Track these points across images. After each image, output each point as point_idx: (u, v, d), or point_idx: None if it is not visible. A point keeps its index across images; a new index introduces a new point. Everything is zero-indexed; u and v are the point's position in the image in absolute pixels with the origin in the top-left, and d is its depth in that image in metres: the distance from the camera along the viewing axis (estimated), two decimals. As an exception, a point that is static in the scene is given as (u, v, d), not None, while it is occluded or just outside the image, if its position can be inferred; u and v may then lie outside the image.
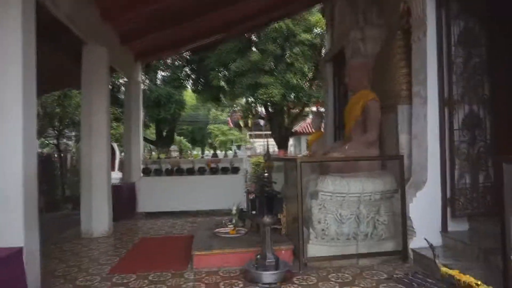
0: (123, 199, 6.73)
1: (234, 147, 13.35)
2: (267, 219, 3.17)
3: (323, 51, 13.64)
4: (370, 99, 4.28)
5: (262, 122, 17.57)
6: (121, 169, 9.12)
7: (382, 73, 4.62)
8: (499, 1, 3.61)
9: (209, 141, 27.14)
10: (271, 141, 16.71)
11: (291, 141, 16.71)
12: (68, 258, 4.08)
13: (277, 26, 11.90)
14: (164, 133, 15.34)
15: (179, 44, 7.85)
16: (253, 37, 12.93)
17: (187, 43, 7.93)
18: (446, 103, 3.60)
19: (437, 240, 3.58)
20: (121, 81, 12.71)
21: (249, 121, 16.61)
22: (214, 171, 7.34)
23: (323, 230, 3.69)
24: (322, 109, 8.64)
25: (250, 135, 23.80)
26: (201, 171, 7.30)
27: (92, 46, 5.16)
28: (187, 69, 14.75)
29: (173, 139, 15.77)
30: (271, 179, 3.43)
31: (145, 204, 7.00)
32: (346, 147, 4.27)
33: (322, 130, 7.66)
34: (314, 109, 18.85)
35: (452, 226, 3.63)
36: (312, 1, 8.60)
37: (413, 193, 3.65)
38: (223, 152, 8.48)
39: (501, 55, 3.67)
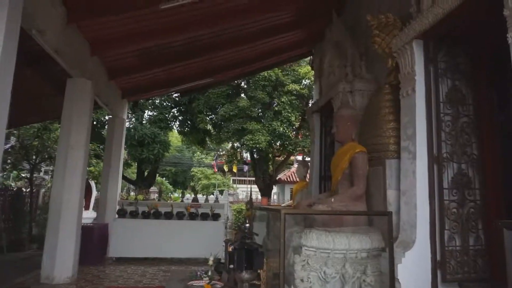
0: (94, 242, 6.29)
1: (216, 192, 13.01)
2: (245, 275, 2.90)
3: (311, 101, 13.96)
4: (357, 151, 4.18)
5: (246, 168, 17.45)
6: (96, 208, 8.67)
7: (370, 126, 4.59)
8: (484, 61, 3.70)
9: (192, 184, 26.67)
10: (255, 188, 16.45)
11: (274, 189, 16.52)
12: (19, 308, 3.65)
13: (266, 75, 12.18)
14: (146, 173, 14.94)
15: (168, 85, 7.85)
16: (243, 84, 13.18)
17: (176, 84, 7.94)
18: (435, 160, 3.53)
19: (427, 306, 3.33)
20: (106, 117, 12.56)
21: (234, 166, 16.45)
22: (193, 216, 7.01)
23: (305, 289, 3.40)
24: (307, 159, 8.59)
25: (234, 180, 23.51)
26: (180, 216, 6.96)
27: (77, 78, 5.05)
28: (174, 110, 14.76)
29: (154, 180, 15.36)
30: (252, 230, 3.20)
31: (116, 248, 6.54)
32: (332, 199, 4.10)
33: (307, 179, 7.54)
34: (299, 158, 18.92)
35: (443, 291, 3.40)
36: (301, 53, 8.87)
37: (401, 252, 3.44)
38: (204, 196, 8.21)
39: (488, 115, 3.69)
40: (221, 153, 27.59)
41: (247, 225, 3.14)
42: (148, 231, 6.62)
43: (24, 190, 9.33)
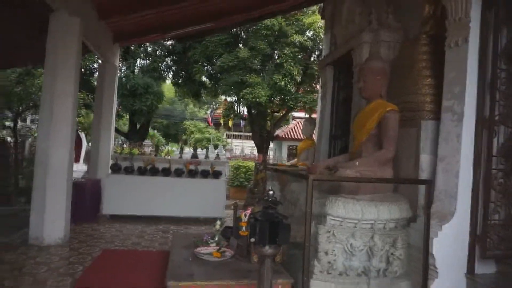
0: (86, 198, 5.86)
1: (211, 146, 12.55)
2: (269, 249, 2.48)
3: (314, 55, 13.18)
4: (389, 110, 3.66)
5: (242, 123, 16.90)
6: (87, 161, 8.15)
7: (400, 82, 4.05)
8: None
9: (184, 137, 26.17)
10: (251, 144, 16.07)
11: (271, 145, 16.16)
12: (2, 275, 3.23)
13: (269, 23, 11.28)
14: (138, 126, 14.33)
15: (164, 29, 7.03)
16: (243, 34, 12.25)
17: (173, 29, 7.13)
18: (485, 123, 3.06)
19: (461, 284, 3.03)
20: (95, 65, 11.67)
21: (230, 121, 15.89)
22: (192, 174, 6.57)
23: (329, 263, 3.05)
24: (314, 116, 8.09)
25: (228, 135, 23.04)
26: (178, 173, 6.52)
27: (61, 13, 4.29)
28: (168, 60, 13.84)
29: (147, 133, 14.79)
30: (276, 199, 2.74)
31: (111, 205, 6.14)
32: (357, 163, 3.65)
33: (314, 138, 7.09)
34: (296, 114, 18.39)
35: (478, 268, 3.09)
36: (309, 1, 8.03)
37: (437, 225, 3.08)
38: (203, 150, 7.72)
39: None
40: (215, 107, 26.88)
41: (271, 192, 2.67)
42: (145, 189, 6.20)
43: (9, 140, 8.72)
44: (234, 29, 11.57)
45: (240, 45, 11.99)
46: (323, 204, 3.23)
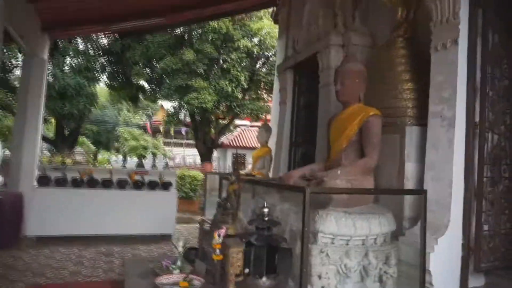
0: (3, 217, 4.79)
1: (162, 158, 11.61)
2: (266, 282, 2.01)
3: (259, 62, 12.99)
4: (372, 114, 3.41)
5: (184, 130, 16.04)
6: (4, 173, 6.85)
7: (378, 87, 3.86)
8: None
9: (116, 145, 24.34)
10: (194, 152, 15.32)
11: (215, 154, 15.52)
12: None
13: (216, 26, 10.81)
14: (67, 132, 12.79)
15: (108, 20, 6.19)
16: (188, 36, 11.62)
17: (119, 21, 6.32)
18: (476, 129, 2.93)
19: (455, 300, 2.83)
20: (16, 61, 10.14)
21: (171, 128, 14.98)
22: (138, 185, 5.80)
23: (322, 287, 2.65)
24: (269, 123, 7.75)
25: (166, 142, 21.85)
26: (122, 185, 5.71)
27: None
28: (103, 60, 12.63)
29: (76, 140, 13.29)
30: (273, 218, 2.28)
31: (37, 224, 5.13)
32: (338, 171, 3.33)
33: (269, 146, 6.75)
34: (241, 122, 18.02)
35: (470, 282, 2.93)
36: (265, 1, 7.77)
37: (432, 239, 2.86)
38: (143, 160, 6.92)
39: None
40: (152, 113, 25.48)
41: (265, 209, 2.20)
42: (81, 204, 5.30)
43: None
44: (179, 31, 10.90)
45: (185, 48, 11.34)
46: (312, 219, 2.83)
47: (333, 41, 4.69)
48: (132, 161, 6.36)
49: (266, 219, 2.10)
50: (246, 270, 2.00)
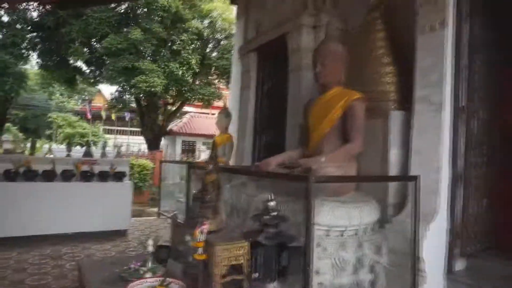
0: None
1: (95, 143, 10.68)
2: (278, 286, 1.75)
3: (210, 45, 12.46)
4: (356, 98, 3.26)
5: (129, 115, 14.96)
6: None
7: (358, 71, 3.72)
8: None
9: (48, 132, 22.19)
10: (136, 140, 14.42)
11: (163, 141, 14.71)
12: None
13: (166, 4, 10.08)
14: (-11, 117, 11.26)
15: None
16: (134, 12, 10.71)
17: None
18: (463, 113, 2.91)
19: (441, 285, 2.83)
20: None
21: (112, 114, 13.88)
22: (87, 176, 5.16)
23: (320, 284, 2.46)
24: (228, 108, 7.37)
25: (107, 130, 20.34)
26: (67, 177, 5.03)
27: None
28: (33, 35, 11.20)
29: (3, 126, 11.76)
30: (281, 213, 2.01)
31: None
32: (323, 158, 3.15)
33: (230, 132, 6.43)
34: (190, 109, 17.29)
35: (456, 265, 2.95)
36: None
37: (423, 226, 2.80)
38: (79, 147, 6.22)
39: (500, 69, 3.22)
40: (90, 98, 23.56)
41: (271, 203, 1.91)
42: (17, 199, 4.56)
43: None
44: (124, 7, 9.98)
45: (131, 26, 10.44)
46: (305, 211, 2.62)
47: (305, 21, 4.46)
48: (80, 150, 5.66)
49: (274, 214, 1.82)
50: (256, 275, 1.72)
